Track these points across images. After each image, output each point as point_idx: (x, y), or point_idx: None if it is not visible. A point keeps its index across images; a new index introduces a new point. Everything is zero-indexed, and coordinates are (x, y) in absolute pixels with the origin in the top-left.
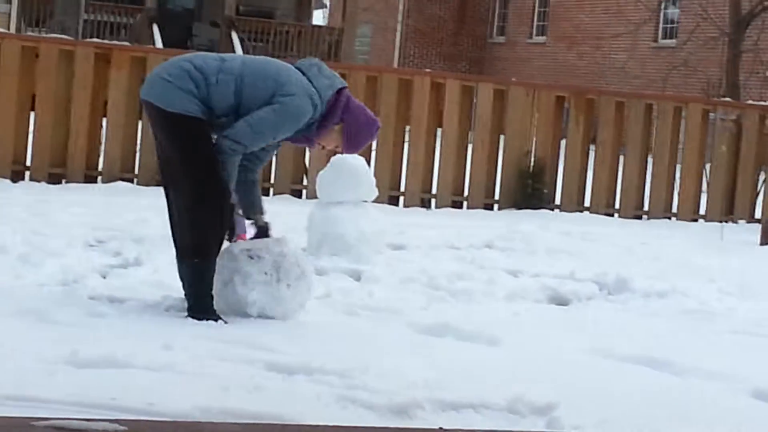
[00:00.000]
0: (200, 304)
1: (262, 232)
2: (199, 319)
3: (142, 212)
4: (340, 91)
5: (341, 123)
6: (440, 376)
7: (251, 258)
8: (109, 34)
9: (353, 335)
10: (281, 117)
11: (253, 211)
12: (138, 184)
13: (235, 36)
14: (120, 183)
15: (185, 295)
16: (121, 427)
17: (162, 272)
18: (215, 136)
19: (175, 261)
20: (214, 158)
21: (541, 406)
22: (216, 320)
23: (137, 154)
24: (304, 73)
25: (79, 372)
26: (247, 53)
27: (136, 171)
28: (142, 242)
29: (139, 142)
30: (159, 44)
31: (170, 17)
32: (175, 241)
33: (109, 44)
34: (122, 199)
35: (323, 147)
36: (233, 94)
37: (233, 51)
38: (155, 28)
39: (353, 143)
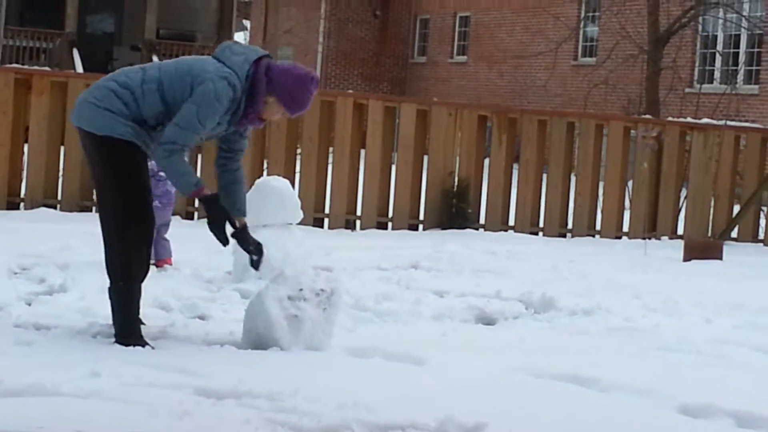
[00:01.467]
0: (126, 328)
1: (239, 236)
2: (125, 344)
3: (66, 238)
4: (257, 62)
5: (273, 94)
6: (369, 397)
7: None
8: (28, 60)
9: (281, 358)
10: (202, 105)
11: (234, 210)
12: (61, 210)
13: (155, 59)
14: (43, 209)
15: (113, 320)
16: None
17: (88, 299)
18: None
19: (101, 287)
20: (141, 183)
21: (470, 426)
22: (143, 345)
23: (60, 180)
24: (218, 59)
25: (6, 401)
26: None
27: (59, 197)
28: (66, 269)
29: (61, 168)
30: (79, 69)
31: (90, 41)
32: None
33: (30, 69)
34: (46, 225)
35: (264, 118)
36: (160, 101)
37: None
38: (75, 53)
39: (294, 106)
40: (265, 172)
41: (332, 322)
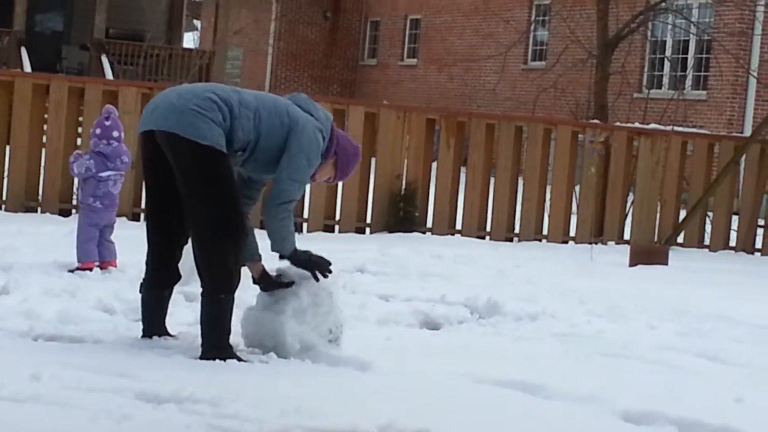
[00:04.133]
0: (222, 341)
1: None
2: (213, 358)
3: (10, 239)
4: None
5: (336, 157)
6: (312, 402)
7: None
8: None
9: (224, 363)
10: (311, 155)
11: (249, 257)
12: (6, 210)
13: (105, 59)
14: None
15: (202, 333)
16: None
17: (30, 301)
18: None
19: (44, 289)
20: (237, 194)
21: (413, 431)
22: (238, 359)
23: (5, 180)
24: (302, 108)
25: None
26: (117, 77)
27: (4, 197)
28: (9, 270)
29: (6, 167)
30: (27, 68)
31: (39, 40)
32: (163, 270)
33: None
34: None
35: (314, 180)
36: (253, 130)
37: (103, 74)
38: (23, 51)
39: (344, 173)
40: None
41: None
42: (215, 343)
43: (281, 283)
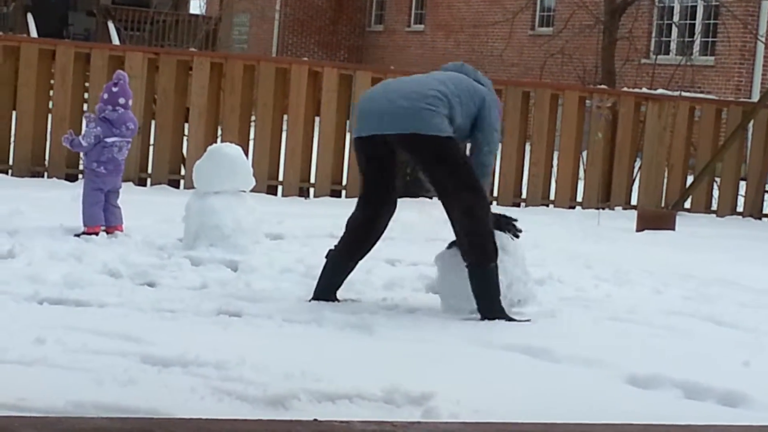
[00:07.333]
0: (499, 304)
1: None
2: (501, 318)
3: (17, 204)
4: None
5: None
6: (317, 366)
7: None
8: None
9: (229, 326)
10: (496, 127)
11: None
12: (13, 175)
13: (111, 25)
14: None
15: (479, 302)
16: None
17: (36, 265)
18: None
19: (49, 254)
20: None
21: (417, 395)
22: (519, 320)
23: (11, 145)
24: (477, 81)
25: None
26: (124, 43)
27: (11, 162)
28: (15, 234)
29: (13, 133)
30: (34, 33)
31: (45, 6)
32: (364, 243)
33: None
34: None
35: None
36: (459, 114)
37: (110, 40)
38: (30, 17)
39: None
40: (218, 139)
41: None
42: (493, 308)
43: (506, 217)
